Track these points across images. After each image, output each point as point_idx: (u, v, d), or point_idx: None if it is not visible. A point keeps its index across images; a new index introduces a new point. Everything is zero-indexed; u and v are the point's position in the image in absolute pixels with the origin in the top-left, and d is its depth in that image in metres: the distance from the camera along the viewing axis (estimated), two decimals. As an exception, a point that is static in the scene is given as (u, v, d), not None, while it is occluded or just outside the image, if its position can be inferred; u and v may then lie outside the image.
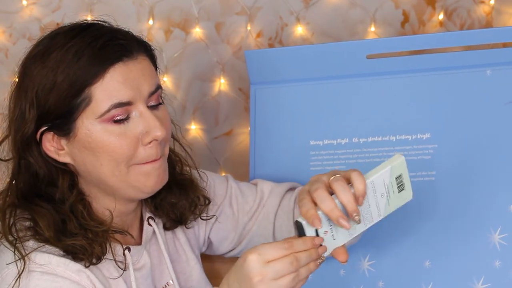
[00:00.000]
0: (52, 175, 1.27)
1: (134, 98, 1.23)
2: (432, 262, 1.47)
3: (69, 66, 1.21)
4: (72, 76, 1.21)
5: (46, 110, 1.23)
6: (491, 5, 1.82)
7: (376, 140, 1.52)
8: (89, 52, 1.21)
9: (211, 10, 1.85)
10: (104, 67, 1.21)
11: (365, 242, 1.51)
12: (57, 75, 1.21)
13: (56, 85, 1.21)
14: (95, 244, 1.24)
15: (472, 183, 1.46)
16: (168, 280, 1.37)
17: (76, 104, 1.22)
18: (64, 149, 1.26)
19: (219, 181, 1.48)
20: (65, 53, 1.22)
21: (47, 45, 1.25)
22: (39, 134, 1.25)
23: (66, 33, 1.25)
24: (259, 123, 1.58)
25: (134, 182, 1.26)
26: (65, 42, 1.23)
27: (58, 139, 1.25)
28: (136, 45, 1.26)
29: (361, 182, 1.18)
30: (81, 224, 1.25)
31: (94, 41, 1.22)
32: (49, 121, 1.24)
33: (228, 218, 1.46)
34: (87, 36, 1.23)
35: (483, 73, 1.47)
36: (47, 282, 1.20)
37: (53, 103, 1.22)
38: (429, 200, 1.48)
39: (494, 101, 1.46)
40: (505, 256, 1.43)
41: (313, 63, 1.53)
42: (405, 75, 1.50)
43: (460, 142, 1.48)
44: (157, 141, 1.25)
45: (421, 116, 1.50)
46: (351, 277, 1.52)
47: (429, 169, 1.49)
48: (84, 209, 1.26)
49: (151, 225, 1.37)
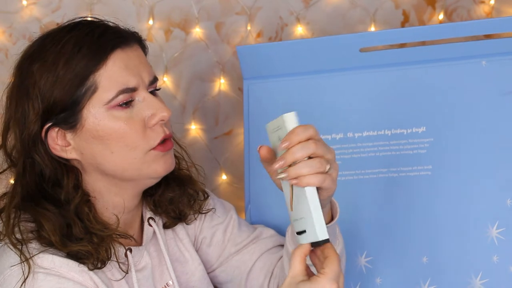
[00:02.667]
0: (57, 174, 1.27)
1: (138, 84, 1.25)
2: (430, 258, 1.46)
3: (70, 57, 1.22)
4: (75, 66, 1.22)
5: (51, 104, 1.23)
6: (491, 5, 1.82)
7: (371, 135, 1.51)
8: (88, 41, 1.23)
9: (211, 10, 1.85)
10: (106, 53, 1.23)
11: (362, 239, 1.50)
12: (59, 68, 1.22)
13: (59, 78, 1.22)
14: (100, 249, 1.24)
15: (469, 177, 1.46)
16: (168, 280, 1.37)
17: (81, 93, 1.23)
18: (70, 145, 1.26)
19: (222, 206, 1.49)
20: (63, 46, 1.23)
21: (41, 44, 1.26)
22: (44, 131, 1.25)
23: (59, 31, 1.27)
24: (252, 118, 1.58)
25: (147, 169, 1.27)
26: (61, 37, 1.25)
27: (63, 134, 1.25)
28: (129, 34, 1.29)
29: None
30: (86, 228, 1.25)
31: (91, 32, 1.24)
32: (53, 116, 1.24)
33: (217, 244, 1.47)
34: (82, 29, 1.25)
35: (478, 64, 1.46)
36: (51, 283, 1.20)
37: (57, 96, 1.23)
38: (425, 195, 1.47)
39: (490, 92, 1.46)
40: (503, 251, 1.43)
41: (306, 57, 1.52)
42: (399, 68, 1.49)
43: (456, 135, 1.47)
44: (164, 121, 1.27)
45: (416, 109, 1.49)
46: (348, 274, 1.51)
47: (425, 164, 1.48)
48: (90, 211, 1.26)
49: (151, 226, 1.37)
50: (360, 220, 1.51)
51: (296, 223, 1.18)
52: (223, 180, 1.89)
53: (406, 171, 1.48)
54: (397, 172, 1.49)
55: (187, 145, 1.83)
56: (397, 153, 1.49)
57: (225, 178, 1.89)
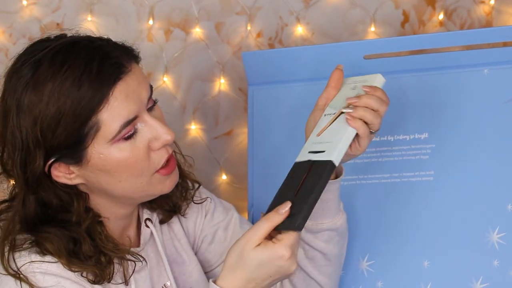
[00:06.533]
0: (65, 201, 1.25)
1: (138, 110, 1.22)
2: (431, 262, 1.47)
3: (70, 97, 1.18)
4: (77, 106, 1.18)
5: (54, 144, 1.20)
6: (491, 5, 1.82)
7: (373, 140, 1.51)
8: (87, 78, 1.18)
9: (211, 10, 1.85)
10: (108, 89, 1.19)
11: (364, 243, 1.51)
12: (60, 108, 1.18)
13: (62, 118, 1.18)
14: (106, 270, 1.23)
15: (471, 182, 1.46)
16: (166, 281, 1.37)
17: (85, 133, 1.19)
18: (74, 173, 1.24)
19: (221, 206, 1.48)
20: (61, 84, 1.18)
21: (33, 75, 1.19)
22: (47, 167, 1.22)
23: (52, 60, 1.19)
24: (257, 124, 1.58)
25: (153, 190, 1.27)
26: (55, 71, 1.19)
27: (67, 165, 1.23)
28: (125, 55, 1.24)
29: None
30: (96, 247, 1.23)
31: (88, 66, 1.19)
32: (57, 153, 1.21)
33: (219, 241, 1.46)
34: (77, 61, 1.19)
35: (480, 72, 1.47)
36: (49, 282, 1.20)
37: (61, 136, 1.19)
38: (427, 200, 1.48)
39: (492, 100, 1.46)
40: (503, 256, 1.44)
41: (311, 64, 1.53)
42: (403, 75, 1.50)
43: (458, 141, 1.48)
44: (167, 144, 1.25)
45: (419, 116, 1.50)
46: (350, 277, 1.51)
47: (427, 169, 1.49)
48: (102, 231, 1.25)
49: (149, 227, 1.37)
50: (362, 224, 1.51)
51: (316, 145, 1.26)
52: (223, 180, 1.90)
53: (408, 177, 1.49)
54: (400, 177, 1.50)
55: (187, 145, 1.85)
56: (400, 158, 1.50)
57: (225, 178, 1.90)
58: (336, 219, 1.36)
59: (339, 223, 1.37)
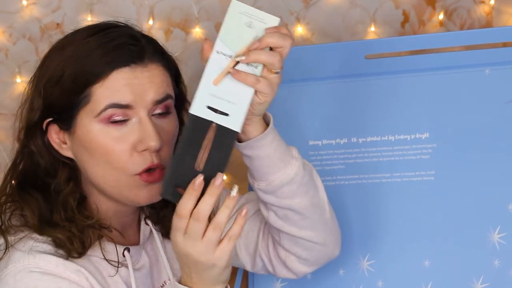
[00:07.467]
0: (53, 166, 1.28)
1: (134, 102, 1.22)
2: (432, 262, 1.48)
3: (77, 62, 1.23)
4: (78, 73, 1.22)
5: (51, 102, 1.25)
6: (491, 5, 1.82)
7: (375, 140, 1.52)
8: (99, 52, 1.22)
9: (211, 10, 1.85)
10: (109, 69, 1.22)
11: (365, 242, 1.52)
12: (65, 70, 1.23)
13: (62, 79, 1.23)
14: (75, 240, 1.24)
15: (471, 182, 1.47)
16: (166, 279, 1.37)
17: (78, 100, 1.23)
18: (66, 143, 1.27)
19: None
20: (79, 48, 1.24)
21: (69, 37, 1.28)
22: (45, 124, 1.26)
23: (88, 29, 1.27)
24: (258, 123, 1.59)
25: (128, 192, 1.26)
26: (83, 38, 1.25)
27: (63, 132, 1.27)
28: (151, 52, 1.25)
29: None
30: (67, 217, 1.25)
31: (107, 42, 1.23)
32: (54, 113, 1.25)
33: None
34: (103, 36, 1.24)
35: (482, 72, 1.47)
36: (47, 282, 1.20)
37: (57, 96, 1.24)
38: (428, 200, 1.49)
39: (493, 100, 1.47)
40: (504, 255, 1.44)
41: (312, 64, 1.53)
42: (404, 75, 1.51)
43: (459, 141, 1.48)
44: (150, 150, 1.24)
45: (420, 115, 1.50)
46: (350, 277, 1.52)
47: (428, 169, 1.49)
48: (75, 202, 1.26)
49: (148, 224, 1.37)
50: (363, 223, 1.52)
51: (215, 99, 1.15)
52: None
53: (409, 176, 1.50)
54: (400, 177, 1.51)
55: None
56: (401, 158, 1.51)
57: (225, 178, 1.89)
58: (288, 170, 1.26)
59: (293, 172, 1.27)
